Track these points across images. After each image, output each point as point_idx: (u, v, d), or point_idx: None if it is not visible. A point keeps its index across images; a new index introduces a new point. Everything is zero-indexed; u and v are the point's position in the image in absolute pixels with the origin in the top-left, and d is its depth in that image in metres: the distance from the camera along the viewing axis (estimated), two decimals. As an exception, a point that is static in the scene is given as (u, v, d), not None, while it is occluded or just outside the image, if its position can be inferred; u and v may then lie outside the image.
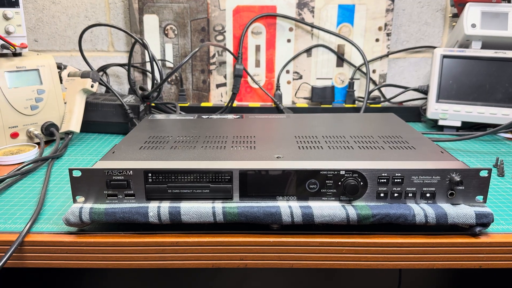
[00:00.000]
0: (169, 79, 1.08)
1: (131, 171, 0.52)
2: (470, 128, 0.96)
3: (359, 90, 1.10)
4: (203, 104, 1.07)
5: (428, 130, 0.97)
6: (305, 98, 1.11)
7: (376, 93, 1.11)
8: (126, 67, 1.08)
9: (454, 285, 1.20)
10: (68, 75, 0.86)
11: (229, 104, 1.04)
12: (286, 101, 1.11)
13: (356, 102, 1.09)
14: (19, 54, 0.83)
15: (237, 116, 0.82)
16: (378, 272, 1.19)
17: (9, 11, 0.78)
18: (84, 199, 0.53)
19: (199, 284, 1.21)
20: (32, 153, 0.78)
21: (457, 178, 0.52)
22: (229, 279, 1.21)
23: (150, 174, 0.53)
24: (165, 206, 0.52)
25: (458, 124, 0.94)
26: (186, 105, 1.06)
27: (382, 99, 1.09)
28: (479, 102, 0.92)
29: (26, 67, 0.82)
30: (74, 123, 0.84)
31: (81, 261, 0.52)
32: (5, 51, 0.80)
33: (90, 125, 0.93)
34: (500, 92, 0.91)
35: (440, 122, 0.95)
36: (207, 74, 1.09)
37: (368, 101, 1.05)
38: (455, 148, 0.84)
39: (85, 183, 0.53)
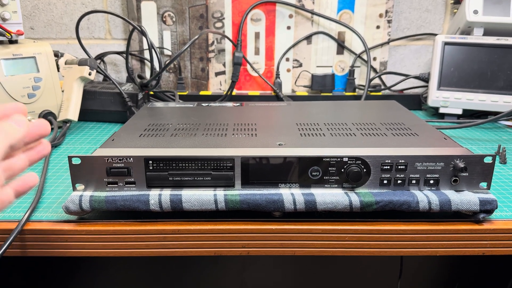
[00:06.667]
0: (167, 67, 1.07)
1: (131, 159, 0.52)
2: (471, 115, 0.95)
3: (360, 78, 1.09)
4: (202, 93, 1.06)
5: (429, 118, 0.97)
6: (305, 86, 1.10)
7: (376, 81, 1.10)
8: (124, 55, 1.07)
9: (456, 273, 1.21)
10: (65, 63, 0.85)
11: (229, 93, 1.03)
12: (286, 89, 1.10)
13: (357, 90, 1.08)
14: (15, 42, 0.82)
15: (237, 104, 0.82)
16: (380, 260, 1.20)
17: (5, -3, 0.77)
18: (84, 187, 0.53)
19: (199, 274, 1.21)
20: (30, 141, 0.77)
21: (461, 165, 0.51)
22: (229, 269, 1.21)
23: (150, 162, 0.52)
24: (166, 194, 0.51)
25: (459, 111, 0.93)
26: (185, 93, 1.05)
27: (382, 87, 1.08)
28: (481, 89, 0.92)
29: (22, 54, 0.80)
30: (72, 112, 0.83)
31: (81, 249, 0.52)
32: (1, 38, 0.79)
33: (88, 114, 0.92)
34: (502, 80, 0.91)
35: (441, 110, 0.94)
36: (206, 62, 1.08)
37: (368, 89, 1.04)
38: (456, 136, 0.84)
39: (85, 170, 0.52)
